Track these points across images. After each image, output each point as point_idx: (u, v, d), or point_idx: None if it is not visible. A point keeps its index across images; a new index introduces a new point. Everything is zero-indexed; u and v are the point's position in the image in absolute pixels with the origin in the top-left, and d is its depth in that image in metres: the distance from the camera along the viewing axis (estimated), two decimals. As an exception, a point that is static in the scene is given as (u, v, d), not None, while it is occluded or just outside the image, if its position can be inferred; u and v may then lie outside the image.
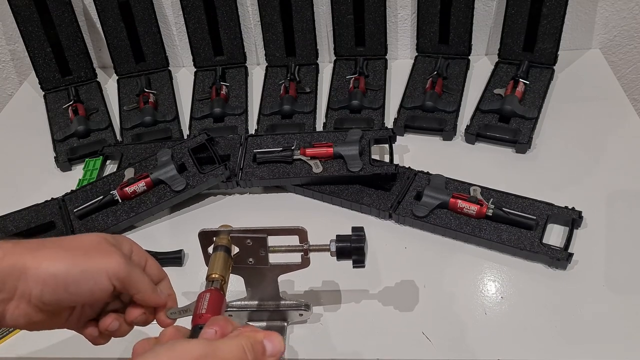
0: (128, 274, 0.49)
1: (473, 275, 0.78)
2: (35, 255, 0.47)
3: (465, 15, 1.09)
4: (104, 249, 0.50)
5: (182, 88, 1.19)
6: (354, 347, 0.71)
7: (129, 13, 1.15)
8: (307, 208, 0.91)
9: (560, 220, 0.82)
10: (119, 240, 0.53)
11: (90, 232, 0.53)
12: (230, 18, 1.15)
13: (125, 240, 0.54)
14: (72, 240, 0.50)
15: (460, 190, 0.86)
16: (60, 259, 0.47)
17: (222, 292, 0.56)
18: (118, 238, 0.53)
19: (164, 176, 0.90)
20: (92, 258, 0.48)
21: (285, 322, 0.73)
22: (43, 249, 0.48)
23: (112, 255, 0.49)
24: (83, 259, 0.48)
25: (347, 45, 1.16)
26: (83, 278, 0.47)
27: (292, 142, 0.94)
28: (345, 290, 0.77)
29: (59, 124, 1.11)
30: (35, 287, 0.46)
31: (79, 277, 0.47)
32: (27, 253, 0.47)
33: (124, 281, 0.50)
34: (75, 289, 0.47)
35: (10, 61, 1.31)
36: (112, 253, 0.49)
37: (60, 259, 0.47)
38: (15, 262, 0.46)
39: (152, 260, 0.56)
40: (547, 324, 0.71)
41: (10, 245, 0.47)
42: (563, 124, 1.00)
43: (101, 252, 0.49)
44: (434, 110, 1.03)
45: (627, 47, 1.19)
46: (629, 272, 0.76)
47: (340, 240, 0.63)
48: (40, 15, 1.12)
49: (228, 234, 0.63)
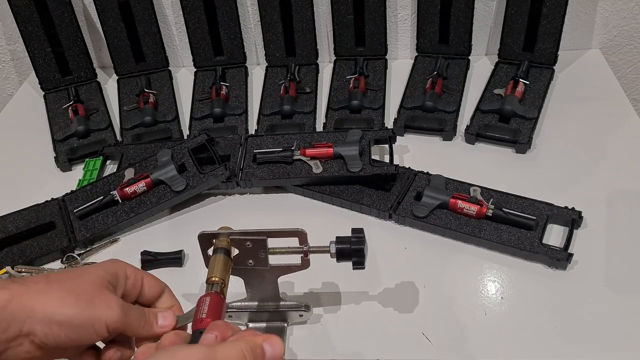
0: (125, 323, 0.50)
1: (473, 276, 0.78)
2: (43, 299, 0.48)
3: (465, 15, 1.09)
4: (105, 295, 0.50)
5: (182, 88, 1.19)
6: (354, 348, 0.71)
7: (129, 13, 1.15)
8: (307, 208, 0.91)
9: (560, 221, 0.82)
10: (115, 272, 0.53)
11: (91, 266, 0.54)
12: (230, 18, 1.15)
13: (120, 269, 0.54)
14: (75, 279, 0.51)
15: (460, 191, 0.86)
16: (65, 306, 0.48)
17: (222, 295, 0.56)
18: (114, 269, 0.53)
19: (164, 176, 0.90)
20: (94, 307, 0.49)
21: (285, 323, 0.73)
22: (49, 292, 0.49)
23: (112, 305, 0.50)
24: (86, 307, 0.49)
25: (347, 45, 1.16)
26: (83, 327, 0.48)
27: (292, 143, 0.94)
28: (345, 291, 0.77)
29: (59, 124, 1.11)
30: (41, 330, 0.47)
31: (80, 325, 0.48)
32: (34, 296, 0.48)
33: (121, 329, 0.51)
34: (76, 336, 0.48)
35: (10, 61, 1.31)
36: (111, 302, 0.50)
37: (66, 306, 0.48)
38: (24, 305, 0.47)
39: (149, 277, 0.56)
40: (547, 324, 0.71)
41: (17, 286, 0.48)
42: (563, 124, 1.00)
43: (102, 299, 0.50)
44: (434, 111, 1.03)
45: (627, 47, 1.19)
46: (629, 272, 0.76)
47: (340, 242, 0.63)
48: (40, 15, 1.12)
49: (227, 236, 0.63)
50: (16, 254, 0.86)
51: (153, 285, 0.56)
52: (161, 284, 0.57)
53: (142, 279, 0.55)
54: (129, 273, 0.55)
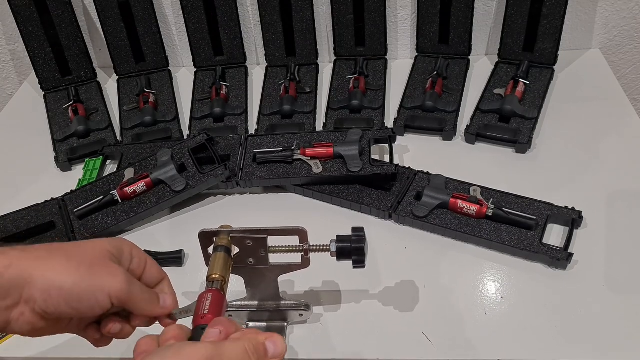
0: (129, 294, 0.50)
1: (473, 275, 0.78)
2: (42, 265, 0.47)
3: (465, 15, 1.09)
4: (108, 265, 0.50)
5: (182, 88, 1.19)
6: (354, 347, 0.71)
7: (129, 13, 1.15)
8: (307, 208, 0.91)
9: (560, 220, 0.82)
10: (120, 247, 0.53)
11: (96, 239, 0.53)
12: (230, 18, 1.15)
13: (125, 246, 0.54)
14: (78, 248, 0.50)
15: (460, 190, 0.86)
16: (65, 272, 0.47)
17: (222, 292, 0.56)
18: (119, 244, 0.53)
19: (164, 176, 0.90)
20: (96, 275, 0.48)
21: (285, 322, 0.73)
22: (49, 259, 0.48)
23: (115, 274, 0.49)
24: (88, 274, 0.48)
25: (347, 45, 1.16)
26: (85, 295, 0.47)
27: (292, 142, 0.94)
28: (345, 291, 0.77)
29: (59, 124, 1.11)
30: (40, 297, 0.46)
31: (81, 293, 0.47)
32: (33, 262, 0.47)
33: (124, 301, 0.50)
34: (77, 305, 0.48)
35: (10, 61, 1.31)
36: (115, 272, 0.49)
37: (66, 272, 0.47)
38: (22, 271, 0.46)
39: (152, 262, 0.56)
40: (547, 324, 0.71)
41: (17, 252, 0.47)
42: (563, 124, 1.00)
43: (105, 268, 0.49)
44: (434, 110, 1.03)
45: (627, 47, 1.19)
46: (629, 272, 0.76)
47: (341, 241, 0.63)
48: (40, 15, 1.12)
49: (228, 235, 0.63)
50: (16, 254, 0.86)
51: (155, 272, 0.56)
52: (162, 272, 0.57)
53: (145, 262, 0.55)
54: (135, 253, 0.54)
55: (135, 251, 0.55)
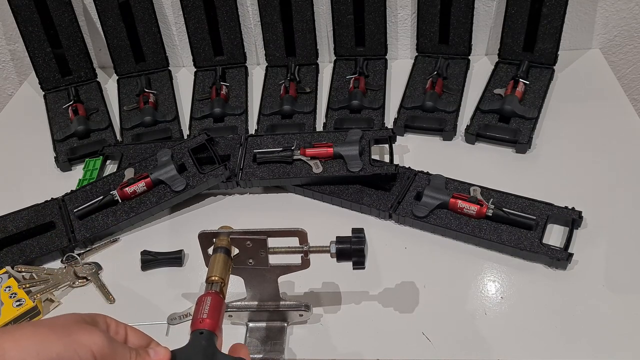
0: (112, 351, 0.46)
1: (473, 276, 0.78)
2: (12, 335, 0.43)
3: (465, 15, 1.09)
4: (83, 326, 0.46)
5: (182, 88, 1.19)
6: (354, 348, 0.71)
7: (129, 13, 1.15)
8: (307, 208, 0.91)
9: (560, 220, 0.82)
10: (93, 317, 0.50)
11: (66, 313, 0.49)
12: (230, 18, 1.15)
13: (100, 318, 0.50)
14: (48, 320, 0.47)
15: (460, 191, 0.86)
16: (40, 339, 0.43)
17: (222, 295, 0.56)
18: (93, 316, 0.50)
19: (164, 176, 0.90)
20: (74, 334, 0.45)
21: (285, 322, 0.73)
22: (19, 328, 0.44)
23: (93, 332, 0.46)
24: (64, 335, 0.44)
25: (347, 45, 1.16)
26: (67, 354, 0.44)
27: (292, 142, 0.94)
28: (345, 291, 0.77)
29: (59, 124, 1.11)
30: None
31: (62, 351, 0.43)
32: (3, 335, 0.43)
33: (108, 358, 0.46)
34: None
35: (10, 61, 1.31)
36: (92, 330, 0.46)
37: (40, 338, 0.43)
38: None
39: (133, 330, 0.52)
40: (547, 324, 0.71)
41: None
42: (563, 124, 1.00)
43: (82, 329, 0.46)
44: (434, 110, 1.03)
45: (627, 47, 1.19)
46: (629, 272, 0.76)
47: (340, 242, 0.63)
48: (40, 15, 1.12)
49: (228, 236, 0.63)
50: (16, 254, 0.86)
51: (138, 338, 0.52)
52: (147, 337, 0.52)
53: (125, 328, 0.52)
54: (110, 322, 0.51)
55: (110, 320, 0.51)
